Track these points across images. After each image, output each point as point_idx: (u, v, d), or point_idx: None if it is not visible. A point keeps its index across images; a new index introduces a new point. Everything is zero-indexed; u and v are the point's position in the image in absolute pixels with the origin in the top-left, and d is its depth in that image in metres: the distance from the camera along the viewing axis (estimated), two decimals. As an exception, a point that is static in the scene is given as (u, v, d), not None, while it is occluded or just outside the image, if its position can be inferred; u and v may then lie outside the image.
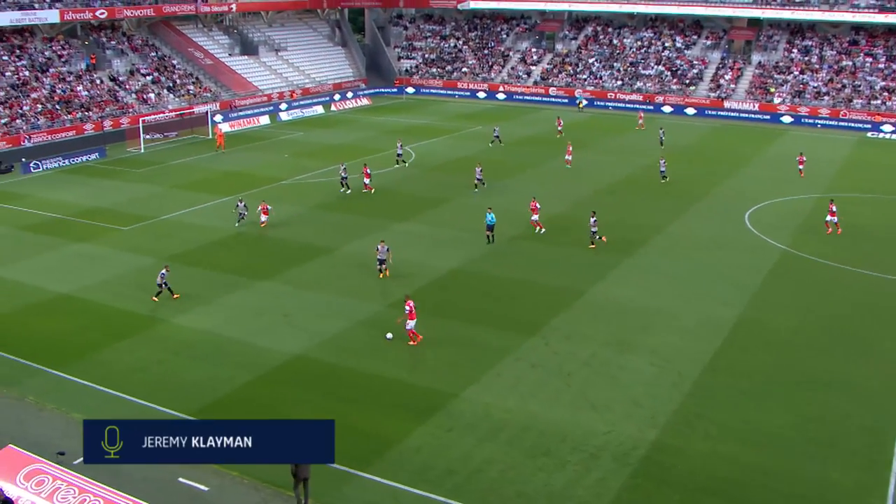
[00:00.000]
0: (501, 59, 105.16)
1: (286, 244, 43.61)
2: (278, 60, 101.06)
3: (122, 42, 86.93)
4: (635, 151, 66.93)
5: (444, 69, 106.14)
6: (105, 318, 34.36)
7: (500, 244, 43.28)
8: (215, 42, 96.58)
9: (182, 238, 44.75)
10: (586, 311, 34.73)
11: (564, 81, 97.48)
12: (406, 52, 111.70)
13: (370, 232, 45.20)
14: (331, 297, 36.21)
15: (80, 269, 39.97)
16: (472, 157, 63.81)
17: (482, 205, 50.14)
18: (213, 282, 37.93)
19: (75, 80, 78.06)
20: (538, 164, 62.01)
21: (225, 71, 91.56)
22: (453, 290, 37.07)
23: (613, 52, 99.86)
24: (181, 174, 60.06)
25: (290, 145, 70.86)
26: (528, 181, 56.92)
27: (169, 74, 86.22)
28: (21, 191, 55.96)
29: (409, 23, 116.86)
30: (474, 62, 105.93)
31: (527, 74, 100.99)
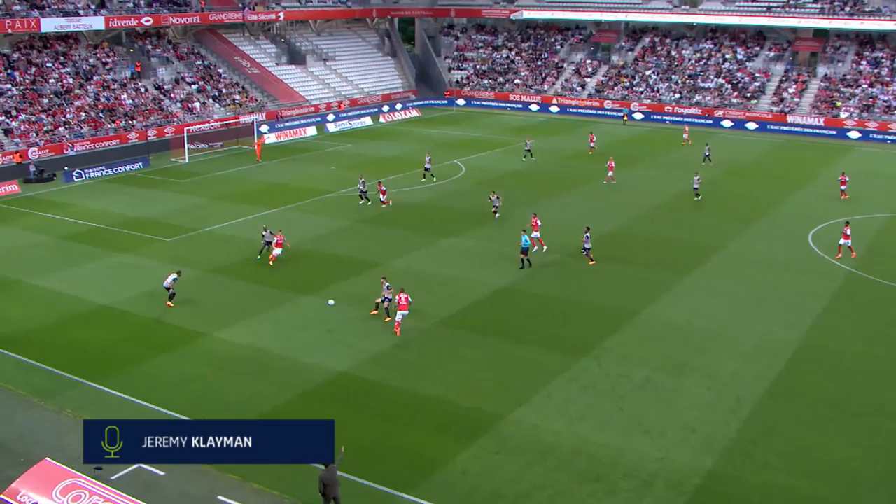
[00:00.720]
0: (555, 71, 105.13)
1: (331, 258, 43.90)
2: (326, 70, 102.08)
3: (167, 50, 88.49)
4: (693, 167, 66.37)
5: (495, 81, 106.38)
6: (146, 330, 34.85)
7: (551, 262, 43.16)
8: (262, 51, 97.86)
9: (225, 250, 45.28)
10: (640, 333, 34.47)
11: (620, 94, 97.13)
12: (457, 63, 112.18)
13: (417, 247, 45.38)
14: (377, 313, 36.30)
15: (122, 281, 40.61)
16: (524, 172, 63.81)
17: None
18: (257, 295, 38.31)
19: (120, 89, 79.58)
20: (591, 179, 61.79)
21: (271, 80, 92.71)
22: (502, 309, 37.03)
23: (671, 64, 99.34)
24: (225, 185, 60.87)
25: (337, 157, 71.44)
26: (581, 197, 56.76)
27: (214, 83, 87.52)
28: (63, 200, 57.13)
29: (461, 33, 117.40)
30: (527, 74, 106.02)
31: (581, 87, 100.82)
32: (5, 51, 76.54)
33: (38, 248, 46.15)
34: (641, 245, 46.26)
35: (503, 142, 77.45)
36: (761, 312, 36.70)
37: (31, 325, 35.32)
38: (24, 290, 39.58)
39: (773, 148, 77.44)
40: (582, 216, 51.67)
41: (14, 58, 76.25)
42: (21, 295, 38.89)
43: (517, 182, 60.94)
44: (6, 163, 65.15)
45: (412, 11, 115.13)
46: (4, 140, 67.69)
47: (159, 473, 24.19)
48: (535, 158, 69.14)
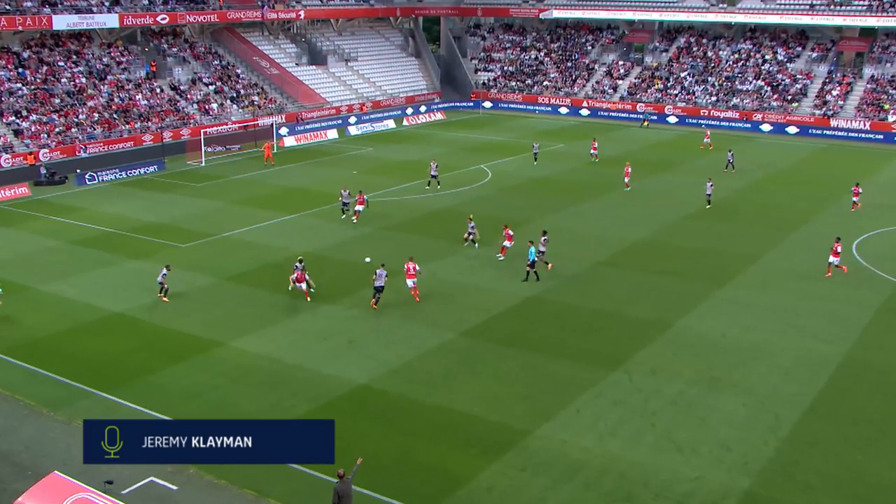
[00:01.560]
0: (586, 73, 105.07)
1: (353, 266, 43.99)
2: (348, 71, 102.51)
3: (183, 49, 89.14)
4: (729, 173, 66.06)
5: (523, 83, 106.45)
6: (160, 339, 35.06)
7: (581, 272, 43.09)
8: (282, 51, 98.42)
9: (243, 257, 45.52)
10: (673, 346, 34.32)
11: (654, 97, 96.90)
12: (483, 64, 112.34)
13: (440, 255, 45.43)
14: (399, 323, 36.44)
15: (136, 288, 40.87)
16: (551, 178, 63.77)
17: (563, 228, 50.08)
18: (276, 304, 38.47)
19: (134, 89, 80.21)
20: (620, 185, 61.61)
21: (291, 81, 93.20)
22: (529, 320, 36.99)
23: (708, 65, 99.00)
24: (243, 189, 61.22)
25: (358, 161, 71.68)
26: (609, 204, 56.65)
27: (232, 84, 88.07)
28: (75, 203, 57.65)
29: (488, 33, 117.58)
30: (556, 75, 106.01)
31: (613, 89, 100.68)
32: (16, 49, 77.38)
33: (49, 253, 46.57)
34: (673, 254, 46.11)
35: (531, 146, 77.43)
36: (801, 326, 36.44)
37: (41, 333, 35.63)
38: (34, 296, 39.93)
39: (814, 153, 76.97)
40: (611, 224, 51.61)
41: (25, 56, 77.05)
42: (31, 301, 39.23)
43: (544, 188, 60.89)
44: (17, 165, 65.86)
45: (437, 10, 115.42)
46: (15, 141, 68.38)
47: (172, 488, 24.31)
48: (535, 163, 69.00)
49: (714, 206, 55.70)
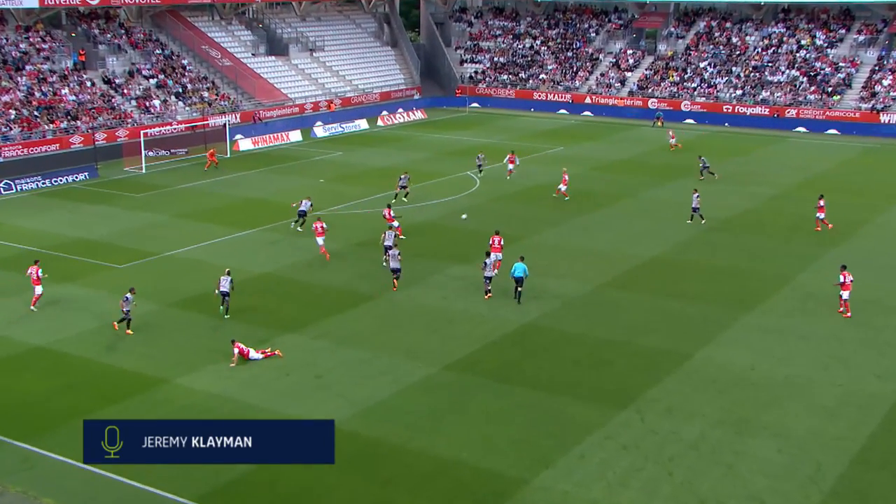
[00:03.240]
0: (589, 64, 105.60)
1: (321, 289, 43.87)
2: (313, 63, 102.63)
3: (118, 36, 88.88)
4: (757, 179, 66.44)
5: (516, 76, 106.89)
6: (92, 376, 34.74)
7: (587, 296, 43.12)
8: (235, 39, 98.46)
9: (191, 279, 45.29)
10: (693, 380, 34.30)
11: (668, 91, 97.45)
12: (470, 55, 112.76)
13: (420, 276, 45.39)
14: (374, 355, 36.28)
15: (63, 316, 40.56)
16: (551, 187, 63.80)
17: (563, 245, 50.14)
18: (229, 334, 38.22)
19: (59, 82, 79.90)
20: (633, 194, 61.81)
21: (247, 75, 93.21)
22: (526, 350, 36.92)
23: (732, 53, 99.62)
24: (191, 201, 61.05)
25: (326, 168, 71.62)
26: (617, 216, 56.79)
27: (178, 78, 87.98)
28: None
29: (475, 18, 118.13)
30: (554, 67, 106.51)
31: (620, 83, 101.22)
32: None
33: (-38, 275, 46.29)
34: (692, 274, 46.21)
35: (525, 149, 77.54)
36: (845, 358, 36.48)
37: (-49, 370, 35.29)
38: (-57, 327, 39.58)
39: (860, 154, 77.43)
40: (618, 239, 51.73)
41: (-69, 44, 76.89)
42: (-60, 333, 38.88)
43: (542, 198, 60.98)
44: (-83, 172, 65.56)
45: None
46: (-77, 145, 68.09)
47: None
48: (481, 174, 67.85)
49: (740, 219, 55.87)
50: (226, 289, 40.20)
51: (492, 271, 42.94)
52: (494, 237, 45.55)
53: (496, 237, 45.57)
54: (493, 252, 44.87)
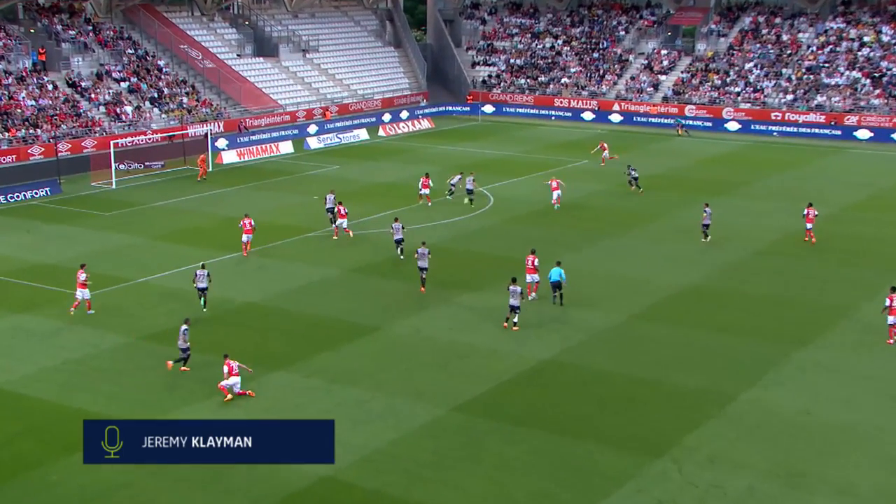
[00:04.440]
0: (617, 66, 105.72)
1: (314, 320, 43.69)
2: (306, 65, 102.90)
3: (84, 33, 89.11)
4: (810, 196, 66.12)
5: (535, 80, 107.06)
6: (50, 421, 34.49)
7: (615, 328, 42.85)
8: (219, 37, 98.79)
9: (166, 309, 45.18)
10: (738, 425, 34.02)
11: (707, 97, 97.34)
12: (483, 56, 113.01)
13: (427, 305, 45.29)
14: (374, 395, 36.10)
15: (17, 352, 40.40)
16: (575, 205, 63.69)
17: (584, 272, 49.78)
18: (207, 371, 38.06)
19: (16, 84, 80.00)
20: (667, 213, 61.60)
21: (232, 78, 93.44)
22: (546, 390, 36.71)
23: (782, 52, 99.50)
24: (168, 220, 60.98)
25: (320, 183, 71.56)
26: (650, 238, 56.69)
27: (153, 81, 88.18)
28: (-64, 239, 57.38)
29: (489, 14, 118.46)
30: (579, 70, 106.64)
31: (653, 87, 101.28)
32: None
33: None
34: (736, 305, 45.95)
35: (544, 163, 77.52)
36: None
37: None
38: None
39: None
40: (651, 264, 51.58)
41: None
42: None
43: (564, 218, 60.85)
44: None
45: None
46: None
47: None
48: (449, 197, 66.49)
49: (791, 241, 55.61)
50: (204, 284, 44.36)
51: (518, 299, 42.22)
52: (530, 257, 45.52)
53: (532, 257, 45.52)
54: (529, 274, 44.88)
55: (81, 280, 44.05)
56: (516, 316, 42.14)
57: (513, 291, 41.94)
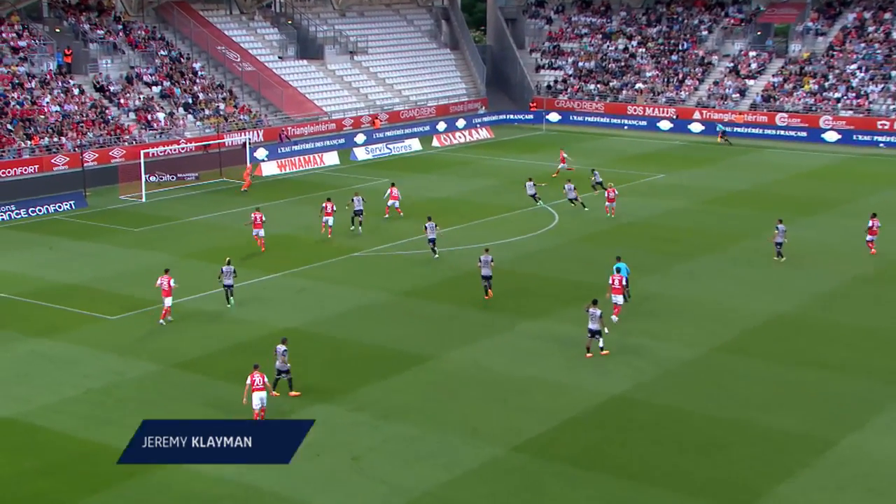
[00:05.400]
0: (699, 70, 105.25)
1: (361, 348, 43.67)
2: (354, 69, 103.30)
3: (114, 32, 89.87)
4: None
5: (606, 85, 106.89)
6: (72, 457, 34.64)
7: (694, 362, 42.38)
8: (259, 38, 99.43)
9: (200, 334, 45.39)
10: (838, 476, 33.59)
11: (802, 104, 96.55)
12: (549, 59, 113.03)
13: (484, 333, 45.15)
14: (424, 433, 36.07)
15: (36, 380, 40.59)
16: (649, 223, 63.45)
17: (661, 297, 49.53)
18: (242, 406, 38.16)
19: (39, 88, 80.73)
20: (755, 233, 61.11)
21: (273, 82, 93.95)
22: (615, 429, 36.41)
23: (892, 52, 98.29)
24: (202, 237, 61.46)
25: (368, 198, 71.57)
26: (735, 260, 56.41)
27: (187, 85, 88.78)
28: (-51, 256, 58.03)
29: (556, 13, 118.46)
30: (655, 74, 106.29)
31: (740, 93, 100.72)
32: None
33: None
34: (837, 337, 45.45)
35: (615, 177, 77.17)
36: None
37: None
38: None
39: None
40: (736, 290, 51.28)
41: None
42: None
43: (636, 237, 60.61)
44: None
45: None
46: None
47: None
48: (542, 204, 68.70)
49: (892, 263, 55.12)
50: (230, 281, 48.00)
51: (598, 323, 41.82)
52: (615, 276, 45.79)
53: (617, 276, 45.67)
54: (614, 294, 45.00)
55: (166, 287, 45.88)
56: (600, 340, 41.99)
57: (592, 314, 41.70)
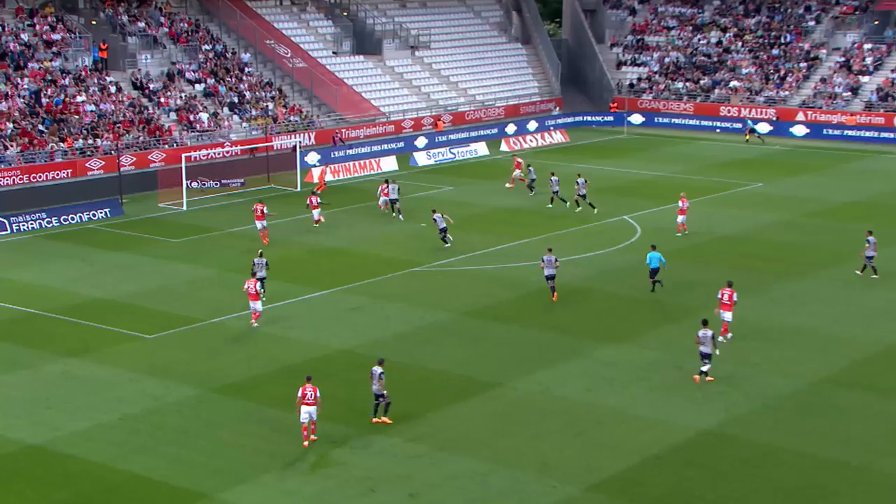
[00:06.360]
0: (804, 66, 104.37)
1: (421, 373, 43.63)
2: (415, 65, 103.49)
3: (154, 25, 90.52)
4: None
5: (697, 83, 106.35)
6: (104, 489, 34.79)
7: (796, 395, 41.87)
8: (311, 31, 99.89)
9: (245, 356, 45.58)
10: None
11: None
12: (632, 54, 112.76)
13: (558, 358, 45.09)
14: (491, 468, 35.92)
15: (67, 404, 40.83)
16: (743, 238, 63.02)
17: (757, 322, 49.11)
18: (291, 433, 38.22)
19: (73, 85, 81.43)
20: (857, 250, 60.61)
21: (326, 80, 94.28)
22: (704, 469, 36.10)
23: None
24: (247, 249, 61.60)
25: (430, 207, 71.73)
26: (844, 282, 56.03)
27: (233, 83, 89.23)
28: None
29: (640, 3, 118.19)
30: (753, 71, 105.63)
31: (851, 91, 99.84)
32: None
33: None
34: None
35: (704, 186, 76.89)
36: None
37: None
38: None
39: None
40: (846, 315, 50.89)
41: None
42: None
43: (728, 254, 60.33)
44: None
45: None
46: None
47: None
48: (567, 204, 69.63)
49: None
50: (263, 273, 51.30)
51: (710, 346, 41.84)
52: (725, 290, 46.02)
53: (728, 290, 45.85)
54: (723, 310, 45.27)
55: (253, 291, 48.28)
56: (706, 365, 41.91)
57: (703, 337, 41.72)
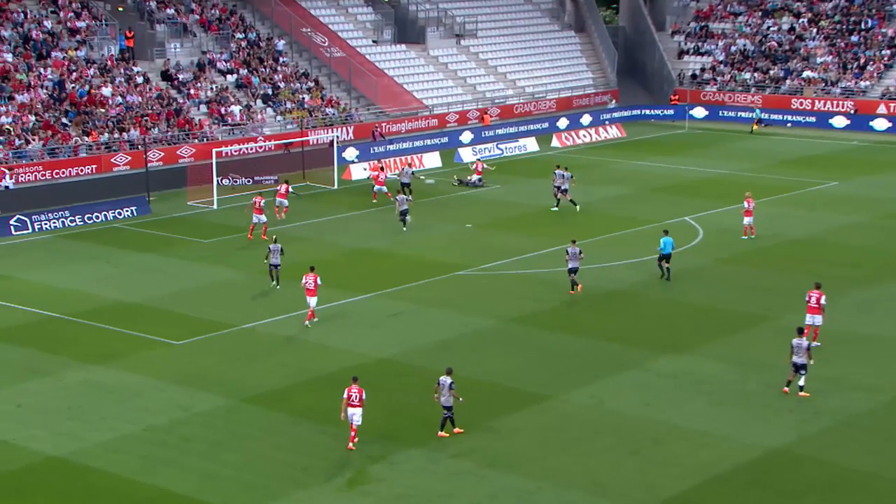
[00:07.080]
0: (886, 54, 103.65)
1: (466, 383, 43.47)
2: (461, 55, 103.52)
3: (184, 11, 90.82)
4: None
5: (766, 73, 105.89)
6: (132, 503, 34.96)
7: (878, 411, 41.52)
8: (350, 18, 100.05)
9: (277, 363, 45.79)
10: None
11: None
12: (695, 43, 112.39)
13: (614, 369, 45.03)
14: (540, 486, 35.88)
15: (90, 413, 41.08)
16: (816, 240, 62.85)
17: (831, 332, 48.60)
18: (330, 447, 38.33)
19: (98, 76, 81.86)
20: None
21: (365, 70, 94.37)
22: (773, 493, 35.67)
23: None
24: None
25: (476, 207, 71.86)
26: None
27: (267, 73, 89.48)
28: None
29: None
30: (829, 60, 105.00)
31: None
32: None
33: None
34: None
35: (777, 185, 76.65)
36: None
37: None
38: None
39: None
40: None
41: None
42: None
43: (800, 258, 60.11)
44: None
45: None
46: None
47: None
48: (577, 205, 69.21)
49: None
50: (276, 260, 54.40)
51: (805, 357, 41.48)
52: (813, 293, 46.48)
53: (816, 293, 46.03)
54: (810, 314, 45.54)
55: (311, 286, 49.43)
56: (802, 378, 41.65)
57: (797, 346, 41.48)
